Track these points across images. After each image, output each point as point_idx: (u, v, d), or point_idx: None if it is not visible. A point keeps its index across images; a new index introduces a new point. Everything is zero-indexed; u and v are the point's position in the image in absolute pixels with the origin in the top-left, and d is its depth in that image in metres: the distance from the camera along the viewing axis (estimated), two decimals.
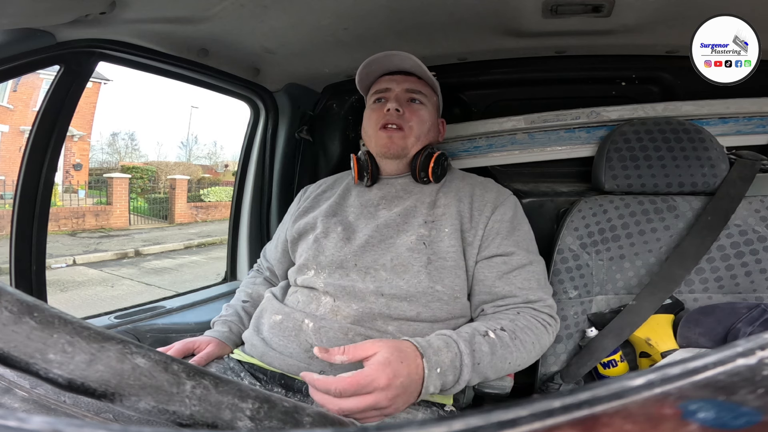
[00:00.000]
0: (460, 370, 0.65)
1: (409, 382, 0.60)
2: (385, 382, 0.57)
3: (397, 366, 0.59)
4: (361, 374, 0.57)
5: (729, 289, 0.95)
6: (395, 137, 0.89)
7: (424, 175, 0.89)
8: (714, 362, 0.16)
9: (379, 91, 0.94)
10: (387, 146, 0.89)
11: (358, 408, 0.56)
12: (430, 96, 0.94)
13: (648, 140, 1.02)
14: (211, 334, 0.88)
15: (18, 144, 9.56)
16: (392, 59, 0.91)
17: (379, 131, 0.90)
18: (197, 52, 1.04)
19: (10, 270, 0.90)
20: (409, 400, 0.61)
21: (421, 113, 0.92)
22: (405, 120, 0.89)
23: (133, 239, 9.39)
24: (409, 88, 0.92)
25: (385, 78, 0.94)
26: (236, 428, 0.25)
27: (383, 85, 0.93)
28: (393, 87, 0.92)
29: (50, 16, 0.76)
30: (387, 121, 0.89)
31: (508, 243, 0.82)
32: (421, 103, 0.92)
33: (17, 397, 0.36)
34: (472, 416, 0.15)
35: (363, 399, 0.56)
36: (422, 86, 0.93)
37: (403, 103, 0.91)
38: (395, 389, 0.57)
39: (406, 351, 0.62)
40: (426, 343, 0.65)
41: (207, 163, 16.95)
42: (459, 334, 0.69)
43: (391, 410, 0.59)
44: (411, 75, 0.93)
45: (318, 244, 0.87)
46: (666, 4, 0.90)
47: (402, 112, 0.89)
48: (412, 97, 0.92)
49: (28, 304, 0.23)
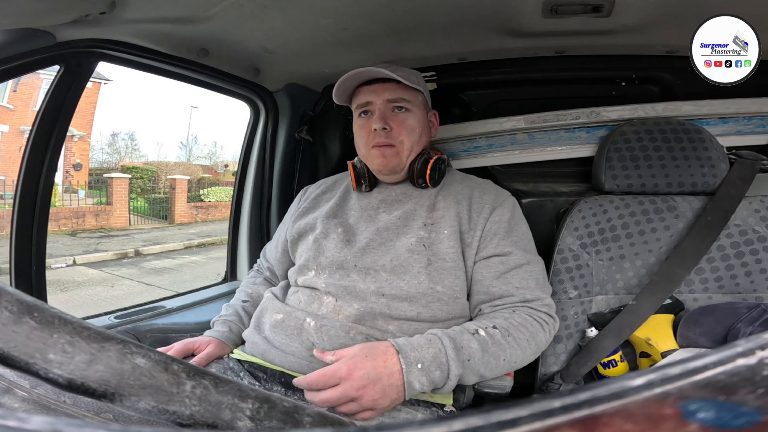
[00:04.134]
0: (447, 365, 0.67)
1: (376, 375, 0.64)
2: (346, 372, 0.64)
3: (360, 359, 0.65)
4: (327, 368, 0.66)
5: (729, 289, 0.95)
6: (388, 155, 0.87)
7: (422, 181, 0.89)
8: (714, 362, 0.16)
9: (360, 105, 0.90)
10: (383, 165, 0.88)
11: (330, 398, 0.63)
12: (414, 98, 0.90)
13: (648, 140, 1.02)
14: (210, 334, 0.88)
15: (18, 144, 9.56)
16: (364, 75, 0.87)
17: (372, 150, 0.88)
18: (197, 52, 1.04)
19: (10, 270, 0.90)
20: (388, 394, 0.64)
21: (408, 122, 0.89)
22: (394, 136, 0.87)
23: (133, 239, 9.39)
24: (389, 98, 0.88)
25: (363, 89, 0.90)
26: (236, 428, 0.25)
27: (363, 98, 0.90)
28: (373, 99, 0.88)
29: (50, 16, 0.76)
30: (377, 142, 0.87)
31: (506, 243, 0.82)
32: (406, 110, 0.89)
33: (17, 397, 0.36)
34: (472, 416, 0.15)
35: (333, 390, 0.64)
36: (403, 91, 0.89)
37: (388, 115, 0.88)
38: (358, 380, 0.63)
39: (377, 348, 0.67)
40: (405, 341, 0.69)
41: (207, 163, 16.96)
42: (444, 332, 0.71)
43: (367, 402, 0.64)
44: (390, 81, 0.88)
45: (318, 245, 0.87)
46: (666, 4, 0.90)
47: (389, 128, 0.87)
48: (396, 106, 0.88)
49: (28, 304, 0.23)
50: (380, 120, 0.87)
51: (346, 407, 0.64)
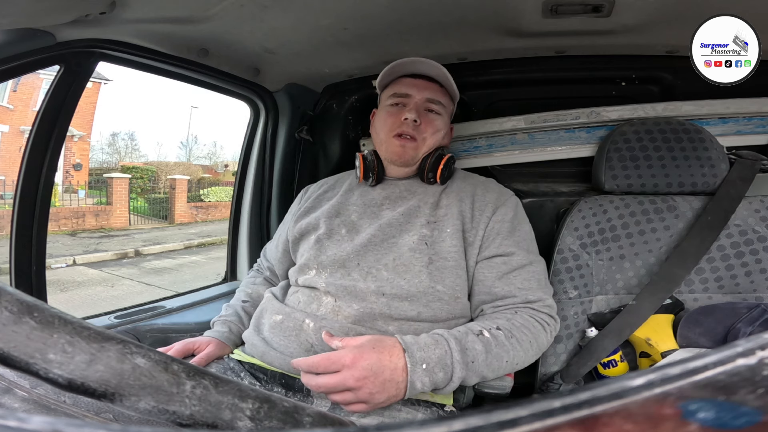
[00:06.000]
0: (451, 367, 0.66)
1: (379, 368, 0.63)
2: (350, 361, 0.62)
3: (367, 351, 0.64)
4: (332, 353, 0.65)
5: (729, 289, 0.95)
6: (408, 147, 0.89)
7: (432, 175, 0.90)
8: (714, 362, 0.16)
9: (398, 94, 0.92)
10: (399, 155, 0.89)
11: (328, 384, 0.63)
12: (447, 105, 0.94)
13: (648, 140, 1.02)
14: (210, 334, 0.88)
15: (18, 144, 9.56)
16: (418, 66, 0.90)
17: (393, 138, 0.89)
18: (197, 52, 1.04)
19: (10, 270, 0.90)
20: (387, 389, 0.63)
21: (436, 123, 0.91)
22: (420, 132, 0.89)
23: (133, 239, 9.39)
24: (429, 97, 0.91)
25: (406, 80, 0.92)
26: (236, 428, 0.25)
27: (403, 88, 0.92)
28: (414, 94, 0.91)
29: (50, 16, 0.76)
30: (403, 131, 0.89)
31: (509, 243, 0.82)
32: (437, 114, 0.92)
33: (17, 397, 0.36)
34: (472, 416, 0.15)
35: (332, 377, 0.63)
36: (442, 95, 0.92)
37: (421, 112, 0.90)
38: (361, 370, 0.62)
39: (384, 342, 0.66)
40: (412, 339, 0.67)
41: (207, 163, 16.96)
42: (450, 333, 0.70)
43: (364, 394, 0.62)
44: (433, 82, 0.91)
45: (320, 245, 0.87)
46: (666, 4, 0.90)
47: (419, 122, 0.89)
48: (430, 107, 0.91)
49: (28, 304, 0.23)
50: (414, 111, 0.89)
51: (340, 396, 0.63)
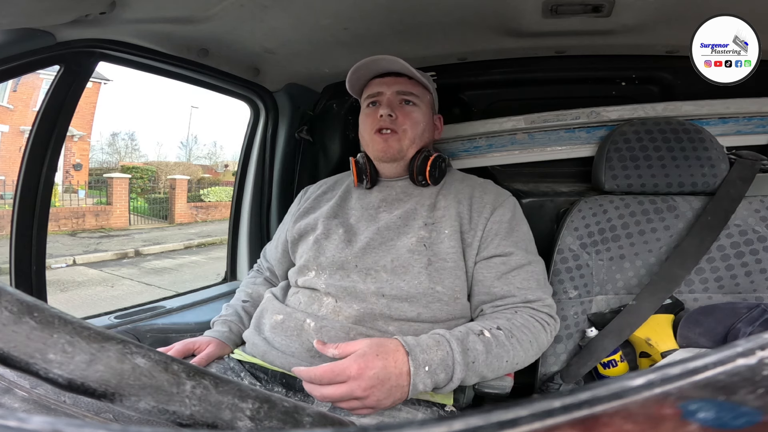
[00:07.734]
0: (452, 368, 0.66)
1: (386, 375, 0.62)
2: (356, 371, 0.62)
3: (372, 359, 0.63)
4: (336, 364, 0.63)
5: (729, 289, 0.95)
6: (390, 140, 0.89)
7: (422, 178, 0.90)
8: (714, 362, 0.16)
9: (371, 95, 0.94)
10: (383, 150, 0.90)
11: (334, 395, 0.62)
12: (422, 95, 0.94)
13: (648, 140, 1.02)
14: (210, 334, 0.88)
15: (18, 144, 9.55)
16: (379, 63, 0.90)
17: (374, 135, 0.90)
18: (197, 52, 1.04)
19: (10, 270, 0.90)
20: (393, 394, 0.63)
21: (414, 115, 0.91)
22: (398, 124, 0.90)
23: (133, 239, 9.39)
24: (399, 90, 0.92)
25: (375, 81, 0.94)
26: (236, 428, 0.25)
27: (374, 89, 0.93)
28: (384, 90, 0.92)
29: (50, 16, 0.76)
30: (381, 126, 0.90)
31: (507, 243, 0.82)
32: (414, 105, 0.92)
33: (17, 397, 0.36)
34: (472, 416, 0.15)
35: (338, 387, 0.62)
36: (413, 87, 0.93)
37: (396, 106, 0.91)
38: (368, 380, 0.61)
39: (387, 346, 0.65)
40: (414, 341, 0.67)
41: (207, 163, 16.95)
42: (452, 333, 0.70)
43: (372, 402, 0.62)
44: (402, 76, 0.92)
45: (319, 246, 0.87)
46: (666, 4, 0.90)
47: (395, 116, 0.89)
48: (404, 99, 0.92)
49: (28, 304, 0.23)
50: (387, 107, 0.90)
51: (347, 404, 0.63)
